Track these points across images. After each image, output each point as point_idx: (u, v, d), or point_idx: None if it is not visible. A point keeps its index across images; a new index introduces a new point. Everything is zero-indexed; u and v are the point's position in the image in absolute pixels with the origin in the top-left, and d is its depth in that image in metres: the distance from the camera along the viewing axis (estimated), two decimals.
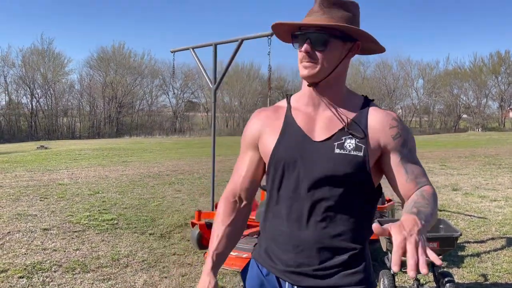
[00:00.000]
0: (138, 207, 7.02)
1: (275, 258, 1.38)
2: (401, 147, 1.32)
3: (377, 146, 1.32)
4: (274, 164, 1.37)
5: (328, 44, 1.29)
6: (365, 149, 1.30)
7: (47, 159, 14.46)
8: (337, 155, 1.30)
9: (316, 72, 1.30)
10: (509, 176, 10.42)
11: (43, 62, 39.12)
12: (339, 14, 1.30)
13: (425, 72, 48.73)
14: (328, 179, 1.31)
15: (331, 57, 1.31)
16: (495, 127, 45.30)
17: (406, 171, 1.32)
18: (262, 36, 4.49)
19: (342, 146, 1.31)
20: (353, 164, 1.29)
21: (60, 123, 38.75)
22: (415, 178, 1.32)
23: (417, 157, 1.38)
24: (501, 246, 4.90)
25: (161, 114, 45.64)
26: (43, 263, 4.32)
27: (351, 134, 1.32)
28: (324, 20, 1.29)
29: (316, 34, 1.28)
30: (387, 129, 1.33)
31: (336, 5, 1.31)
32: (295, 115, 1.39)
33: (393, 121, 1.34)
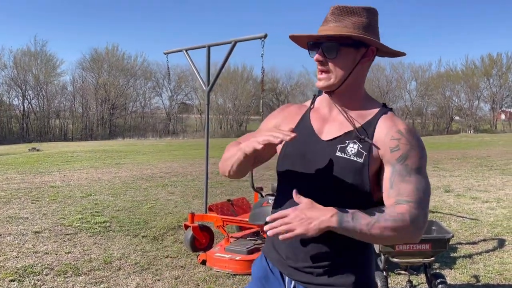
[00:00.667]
0: (131, 209, 6.99)
1: (279, 251, 1.44)
2: (396, 161, 1.30)
3: (378, 155, 1.33)
4: (283, 156, 1.44)
5: (338, 52, 1.33)
6: (366, 156, 1.32)
7: (39, 161, 14.35)
8: (337, 157, 1.34)
9: (329, 84, 1.36)
10: (500, 177, 10.51)
11: (35, 64, 38.84)
12: (352, 21, 1.33)
13: (418, 74, 49.07)
14: (325, 180, 1.34)
15: (343, 65, 1.34)
16: (487, 129, 45.66)
17: (391, 187, 1.29)
18: (256, 38, 4.49)
19: (344, 149, 1.34)
20: (351, 170, 1.31)
21: (52, 125, 38.44)
22: (396, 195, 1.27)
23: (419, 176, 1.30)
24: (493, 248, 4.94)
25: (154, 116, 45.43)
26: (34, 266, 4.28)
27: (355, 139, 1.34)
28: (334, 29, 1.33)
29: (327, 43, 1.33)
30: (388, 140, 1.33)
31: (349, 13, 1.33)
32: (311, 115, 1.45)
33: (397, 133, 1.32)
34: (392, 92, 48.58)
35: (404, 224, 1.22)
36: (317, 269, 1.36)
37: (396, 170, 1.29)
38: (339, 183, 1.33)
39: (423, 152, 1.33)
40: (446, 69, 50.05)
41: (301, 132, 1.41)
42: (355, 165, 1.31)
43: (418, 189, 1.27)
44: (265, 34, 4.37)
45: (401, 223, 1.22)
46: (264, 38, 4.37)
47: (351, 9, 1.34)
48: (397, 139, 1.31)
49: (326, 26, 1.35)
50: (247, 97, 45.88)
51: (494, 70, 46.96)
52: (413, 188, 1.27)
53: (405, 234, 1.24)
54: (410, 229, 1.23)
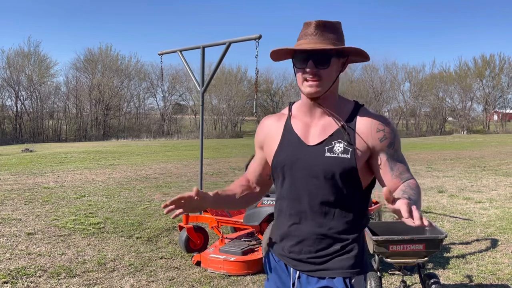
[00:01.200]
0: (125, 210, 6.96)
1: (282, 246, 1.62)
2: (387, 148, 1.51)
3: (365, 148, 1.51)
4: (275, 167, 1.61)
5: (329, 63, 1.49)
6: (352, 151, 1.49)
7: (32, 162, 14.26)
8: (327, 157, 1.50)
9: (319, 90, 1.50)
10: (493, 178, 10.59)
11: (29, 64, 38.60)
12: (331, 35, 1.50)
13: (411, 75, 49.33)
14: (321, 179, 1.51)
15: (331, 74, 1.51)
16: (479, 130, 45.99)
17: (392, 169, 1.51)
18: (250, 39, 4.50)
19: (331, 150, 1.50)
20: (342, 165, 1.48)
21: (46, 125, 38.19)
22: (399, 174, 1.51)
23: (402, 155, 1.56)
24: (486, 248, 4.97)
25: (149, 117, 45.28)
26: (27, 268, 4.26)
27: (340, 139, 1.51)
28: (322, 43, 1.48)
29: (318, 55, 1.48)
30: (374, 133, 1.51)
31: (328, 28, 1.51)
32: (293, 123, 1.61)
33: (380, 125, 1.52)
34: (386, 93, 48.79)
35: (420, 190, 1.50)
36: (318, 259, 1.54)
37: (390, 155, 1.52)
38: (333, 180, 1.50)
39: (399, 136, 1.58)
40: (440, 70, 50.45)
41: (289, 141, 1.58)
42: (344, 161, 1.49)
43: (407, 166, 1.56)
44: (259, 35, 4.38)
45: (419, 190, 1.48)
46: (258, 39, 4.38)
47: (331, 24, 1.52)
48: (382, 130, 1.51)
49: (310, 39, 1.49)
50: (242, 97, 45.86)
51: (487, 71, 47.34)
52: (405, 167, 1.54)
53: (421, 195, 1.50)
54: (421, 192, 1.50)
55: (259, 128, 1.72)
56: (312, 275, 1.56)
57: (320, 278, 1.55)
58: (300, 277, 1.58)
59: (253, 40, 4.43)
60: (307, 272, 1.57)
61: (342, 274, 1.53)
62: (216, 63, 5.09)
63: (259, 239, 4.49)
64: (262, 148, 1.69)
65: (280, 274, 1.65)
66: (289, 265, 1.61)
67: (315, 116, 1.57)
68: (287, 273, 1.62)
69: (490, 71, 47.30)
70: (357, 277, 1.55)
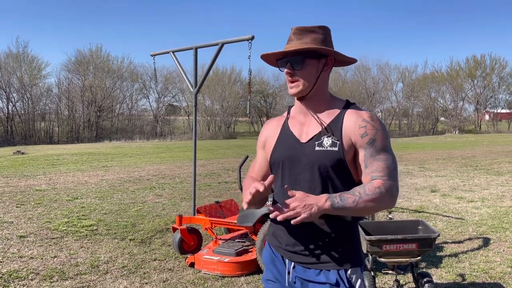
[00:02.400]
0: (118, 212, 6.93)
1: (279, 239, 1.71)
2: (366, 145, 1.55)
3: (350, 143, 1.58)
4: (273, 164, 1.73)
5: (304, 63, 1.60)
6: (339, 145, 1.57)
7: (24, 164, 14.14)
8: (317, 151, 1.60)
9: (299, 90, 1.62)
10: (485, 177, 10.67)
11: (19, 66, 38.27)
12: (311, 38, 1.61)
13: (404, 75, 49.60)
14: (312, 172, 1.60)
15: (309, 74, 1.61)
16: (471, 130, 46.36)
17: (366, 166, 1.56)
18: (242, 40, 4.49)
19: (321, 144, 1.60)
20: (331, 158, 1.57)
21: (38, 127, 37.86)
22: (371, 172, 1.54)
23: (387, 153, 1.56)
24: (478, 246, 5.01)
25: (142, 118, 45.10)
26: (19, 271, 4.22)
27: (329, 134, 1.60)
28: (297, 45, 1.60)
29: (294, 57, 1.61)
30: (357, 129, 1.57)
31: (307, 31, 1.62)
32: (290, 123, 1.73)
33: (363, 121, 1.58)
34: (379, 94, 49.03)
35: (381, 195, 1.49)
36: (312, 251, 1.61)
37: (368, 152, 1.55)
38: (324, 172, 1.58)
39: (386, 133, 1.59)
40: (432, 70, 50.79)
41: (285, 139, 1.70)
42: (333, 153, 1.57)
43: (388, 165, 1.54)
44: (252, 36, 4.38)
45: (379, 195, 1.49)
46: (251, 40, 4.38)
47: (309, 28, 1.62)
48: (364, 126, 1.56)
49: (290, 44, 1.63)
50: (235, 98, 45.84)
51: (478, 71, 47.71)
52: (383, 165, 1.53)
53: (383, 203, 1.51)
54: (386, 198, 1.50)
55: (262, 130, 1.86)
56: (308, 267, 1.62)
57: (317, 270, 1.61)
58: (295, 267, 1.66)
59: (246, 41, 4.43)
60: (302, 264, 1.64)
61: (337, 266, 1.59)
62: (209, 64, 5.08)
63: (253, 240, 4.49)
64: (264, 148, 1.81)
65: (277, 265, 1.73)
66: (285, 257, 1.69)
67: (307, 115, 1.68)
68: (283, 264, 1.71)
69: (481, 71, 47.71)
70: (352, 269, 1.60)
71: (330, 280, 1.59)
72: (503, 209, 6.98)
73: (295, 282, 1.66)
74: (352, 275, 1.60)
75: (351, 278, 1.59)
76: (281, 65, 1.67)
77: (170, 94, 47.17)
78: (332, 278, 1.58)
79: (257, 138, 1.87)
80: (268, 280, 1.76)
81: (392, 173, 1.54)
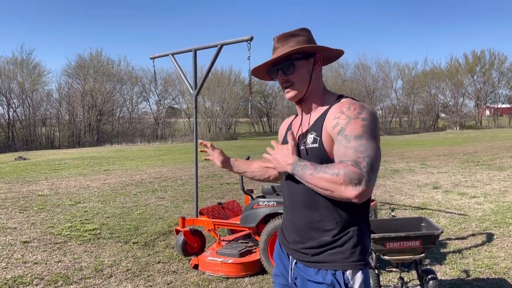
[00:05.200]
0: (121, 215, 6.94)
1: (285, 236, 1.76)
2: (337, 135, 1.51)
3: (328, 136, 1.56)
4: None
5: (294, 67, 1.62)
6: (319, 140, 1.57)
7: (26, 170, 14.16)
8: (302, 150, 1.63)
9: (295, 94, 1.66)
10: (487, 173, 10.66)
11: (20, 72, 38.33)
12: (295, 41, 1.63)
13: (404, 73, 49.56)
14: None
15: (301, 76, 1.63)
16: (472, 125, 46.29)
17: (336, 155, 1.51)
18: (242, 41, 4.50)
19: (305, 142, 1.62)
20: (313, 154, 1.58)
21: (39, 133, 37.88)
22: (339, 159, 1.47)
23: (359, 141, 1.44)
24: (482, 242, 5.00)
25: (142, 121, 45.10)
26: (24, 277, 4.23)
27: (312, 131, 1.61)
28: (282, 51, 1.61)
29: (283, 63, 1.63)
30: (331, 120, 1.56)
31: (290, 36, 1.64)
32: (294, 122, 1.79)
33: (338, 113, 1.55)
34: (379, 91, 48.98)
35: (338, 178, 1.39)
36: (310, 250, 1.62)
37: (338, 141, 1.50)
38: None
39: (365, 121, 1.48)
40: (431, 67, 50.72)
41: (285, 139, 1.77)
42: (315, 150, 1.58)
43: (357, 151, 1.42)
44: (251, 36, 4.39)
45: (335, 177, 1.40)
46: (250, 41, 4.39)
47: (290, 33, 1.65)
48: (337, 118, 1.53)
49: (276, 52, 1.65)
50: (235, 99, 45.84)
51: (477, 67, 47.65)
52: (352, 151, 1.43)
53: (336, 186, 1.40)
54: (342, 182, 1.39)
55: (281, 126, 1.95)
56: (308, 265, 1.63)
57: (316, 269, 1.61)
58: (297, 263, 1.68)
59: (245, 41, 4.43)
60: (302, 261, 1.66)
61: (333, 267, 1.56)
62: (208, 66, 5.09)
63: (256, 241, 4.49)
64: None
65: (284, 261, 1.78)
66: (288, 253, 1.74)
67: (304, 114, 1.74)
68: (288, 261, 1.75)
69: (481, 66, 47.65)
70: (352, 271, 1.54)
71: (326, 280, 1.55)
72: (506, 204, 6.97)
73: (296, 278, 1.69)
74: (350, 278, 1.54)
75: (348, 280, 1.54)
76: (273, 75, 1.70)
77: (170, 96, 47.22)
78: (328, 279, 1.55)
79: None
80: (276, 275, 1.82)
81: (361, 159, 1.40)
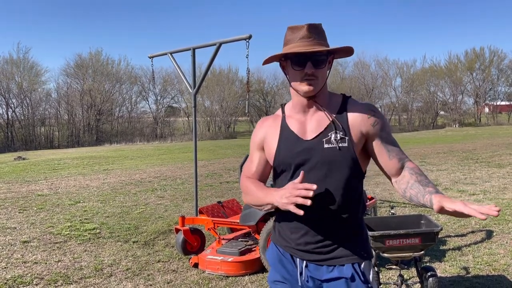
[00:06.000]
0: (121, 215, 6.94)
1: (287, 238, 1.69)
2: (380, 132, 1.60)
3: (359, 135, 1.59)
4: (278, 164, 1.68)
5: (325, 63, 1.60)
6: (348, 139, 1.57)
7: (25, 170, 14.15)
8: (326, 149, 1.58)
9: (313, 89, 1.60)
10: (486, 170, 10.67)
11: (18, 71, 38.28)
12: (323, 37, 1.61)
13: (402, 70, 49.57)
14: (323, 170, 1.58)
15: (324, 72, 1.62)
16: (471, 123, 46.32)
17: (388, 151, 1.60)
18: (240, 39, 4.50)
19: (329, 140, 1.58)
20: (342, 154, 1.57)
21: (38, 132, 37.86)
22: (396, 155, 1.60)
23: (393, 138, 1.65)
24: (481, 239, 5.01)
25: (141, 121, 45.08)
26: (24, 277, 4.23)
27: (335, 130, 1.58)
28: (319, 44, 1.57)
29: (316, 57, 1.57)
30: (366, 119, 1.59)
31: (319, 30, 1.61)
32: (289, 122, 1.69)
33: (370, 111, 1.61)
34: (378, 89, 49.00)
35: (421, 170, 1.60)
36: (324, 248, 1.61)
37: (384, 138, 1.61)
38: (336, 168, 1.58)
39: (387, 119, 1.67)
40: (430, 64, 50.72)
41: (287, 140, 1.66)
42: (343, 150, 1.57)
43: (399, 146, 1.65)
44: (250, 35, 4.38)
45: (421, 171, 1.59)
46: (249, 39, 4.38)
47: (319, 26, 1.62)
48: (373, 116, 1.60)
49: (306, 42, 1.56)
50: (234, 98, 45.81)
51: (476, 64, 47.65)
52: (399, 148, 1.64)
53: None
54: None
55: (256, 130, 1.78)
56: (321, 264, 1.62)
57: (330, 266, 1.61)
58: (308, 266, 1.65)
59: (243, 40, 4.43)
60: (314, 262, 1.63)
61: (350, 260, 1.60)
62: (207, 64, 5.08)
63: (256, 239, 4.50)
64: (262, 149, 1.74)
65: (286, 265, 1.70)
66: (295, 256, 1.67)
67: (308, 113, 1.66)
68: (293, 264, 1.68)
69: (480, 64, 47.65)
70: (365, 262, 1.62)
71: (345, 274, 1.59)
72: (505, 201, 6.97)
73: (307, 281, 1.65)
74: (365, 268, 1.62)
75: (364, 270, 1.61)
76: (297, 64, 1.57)
77: (169, 95, 47.19)
78: (347, 272, 1.59)
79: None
80: (275, 281, 1.71)
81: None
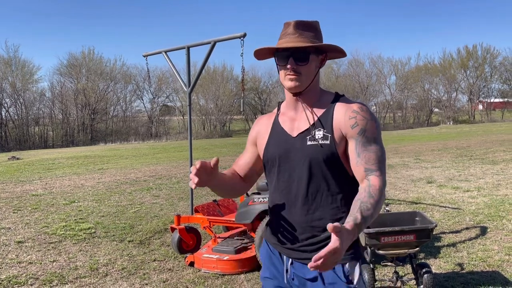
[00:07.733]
0: (116, 214, 6.91)
1: (276, 236, 1.70)
2: (357, 135, 1.55)
3: (341, 134, 1.58)
4: (266, 161, 1.71)
5: (308, 60, 1.59)
6: (331, 137, 1.57)
7: (19, 170, 14.07)
8: (309, 146, 1.59)
9: (299, 85, 1.60)
10: (480, 166, 10.73)
11: (10, 71, 38.01)
12: (310, 34, 1.61)
13: (397, 68, 49.72)
14: (305, 167, 1.59)
15: (310, 69, 1.61)
16: (465, 120, 46.56)
17: (358, 156, 1.54)
18: (235, 37, 4.49)
19: (313, 138, 1.59)
20: (323, 151, 1.57)
21: (32, 132, 37.65)
22: (364, 163, 1.53)
23: (377, 145, 1.56)
24: (475, 235, 5.04)
25: (136, 120, 44.96)
26: (18, 277, 4.20)
27: (319, 127, 1.60)
28: (303, 41, 1.58)
29: (298, 52, 1.58)
30: (347, 120, 1.57)
31: (306, 27, 1.61)
32: (281, 119, 1.72)
33: (352, 112, 1.58)
34: (373, 87, 49.10)
35: (382, 192, 1.50)
36: (309, 246, 1.61)
37: (359, 141, 1.55)
38: (318, 166, 1.58)
39: (377, 123, 1.59)
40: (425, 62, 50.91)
41: (276, 136, 1.69)
42: (325, 147, 1.57)
43: (378, 157, 1.54)
44: (244, 33, 4.38)
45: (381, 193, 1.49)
46: (243, 37, 4.38)
47: (310, 23, 1.62)
48: (354, 117, 1.56)
49: (292, 38, 1.59)
50: (229, 97, 45.77)
51: (470, 62, 47.88)
52: (375, 157, 1.54)
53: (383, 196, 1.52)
54: (383, 192, 1.52)
55: (253, 127, 1.84)
56: (305, 263, 1.59)
57: None
58: (293, 263, 1.65)
59: (238, 38, 4.42)
60: (299, 260, 1.63)
61: None
62: (201, 63, 5.07)
63: (251, 237, 4.50)
64: (255, 144, 1.79)
65: (275, 262, 1.72)
66: (282, 253, 1.69)
67: (298, 110, 1.68)
68: (280, 261, 1.70)
69: (473, 61, 47.89)
70: (350, 262, 1.59)
71: (325, 274, 1.58)
72: (499, 197, 7.02)
73: (293, 279, 1.66)
74: (350, 270, 1.58)
75: (348, 272, 1.57)
76: (281, 60, 1.61)
77: (164, 94, 47.09)
78: (328, 273, 1.57)
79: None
80: (265, 277, 1.75)
81: (383, 165, 1.55)
